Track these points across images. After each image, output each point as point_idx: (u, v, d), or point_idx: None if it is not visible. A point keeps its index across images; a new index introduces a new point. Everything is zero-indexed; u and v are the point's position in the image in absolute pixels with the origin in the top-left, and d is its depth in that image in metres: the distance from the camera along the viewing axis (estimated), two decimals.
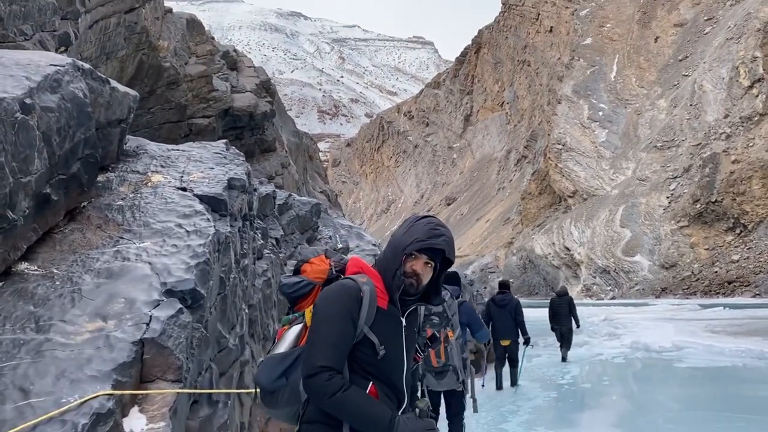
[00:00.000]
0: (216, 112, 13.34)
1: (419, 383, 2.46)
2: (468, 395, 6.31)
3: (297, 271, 2.33)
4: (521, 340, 9.85)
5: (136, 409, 2.81)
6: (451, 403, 5.80)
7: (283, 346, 2.20)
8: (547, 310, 14.30)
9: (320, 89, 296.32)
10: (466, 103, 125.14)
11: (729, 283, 44.12)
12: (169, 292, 3.29)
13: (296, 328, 2.23)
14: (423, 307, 2.45)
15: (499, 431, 7.17)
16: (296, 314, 2.27)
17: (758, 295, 41.00)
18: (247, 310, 4.33)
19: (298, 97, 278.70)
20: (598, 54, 67.85)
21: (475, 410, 7.01)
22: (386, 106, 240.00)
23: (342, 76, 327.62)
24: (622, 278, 50.65)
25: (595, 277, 52.17)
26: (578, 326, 13.34)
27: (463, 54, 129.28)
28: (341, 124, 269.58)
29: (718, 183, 48.23)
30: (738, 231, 46.96)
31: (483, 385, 10.09)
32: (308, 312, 2.22)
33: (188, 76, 12.54)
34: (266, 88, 16.82)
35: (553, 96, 68.53)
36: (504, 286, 10.45)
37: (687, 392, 10.21)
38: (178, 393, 2.91)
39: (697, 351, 14.01)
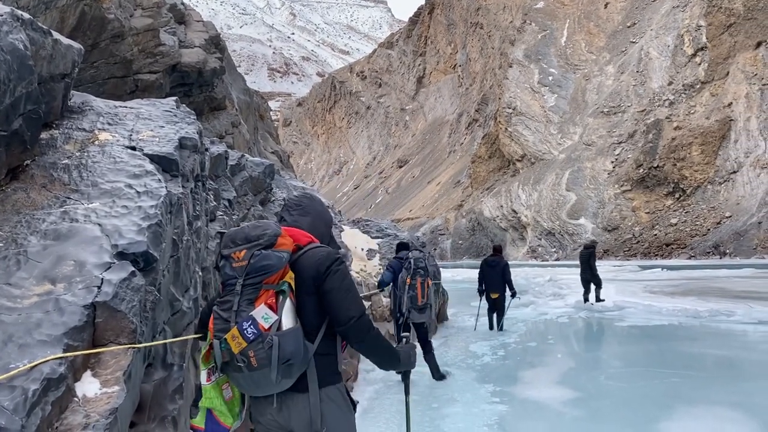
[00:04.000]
0: (163, 67, 12.84)
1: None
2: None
3: (271, 244, 2.51)
4: (508, 294, 11.94)
5: (89, 373, 2.75)
6: (422, 332, 7.83)
7: (289, 320, 2.46)
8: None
9: (270, 46, 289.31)
10: (419, 65, 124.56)
11: (667, 245, 46.00)
12: (121, 255, 3.20)
13: (288, 302, 2.48)
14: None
15: (447, 386, 7.36)
16: (282, 286, 2.48)
17: (693, 257, 42.96)
18: (200, 273, 4.26)
19: (248, 53, 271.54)
20: (549, 18, 68.24)
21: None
22: (338, 65, 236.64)
23: (293, 33, 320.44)
24: (566, 240, 52.14)
25: (540, 239, 53.55)
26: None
27: (417, 14, 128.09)
28: (292, 82, 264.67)
29: (660, 149, 49.78)
30: (677, 195, 48.80)
31: (475, 329, 12.36)
32: (290, 279, 2.51)
33: (134, 29, 11.99)
34: (215, 43, 16.27)
35: (504, 60, 68.82)
36: (496, 249, 12.48)
37: (627, 350, 10.69)
38: (138, 349, 2.86)
39: (637, 310, 14.64)
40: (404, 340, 3.09)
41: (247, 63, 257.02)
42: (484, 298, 12.24)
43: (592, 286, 16.17)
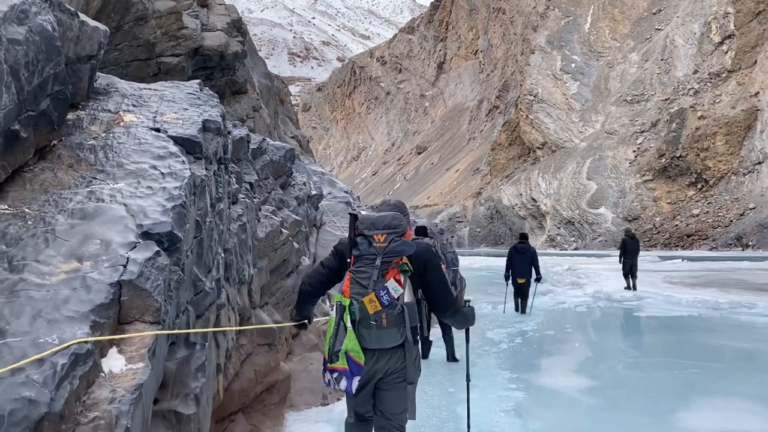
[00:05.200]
0: (186, 50, 12.89)
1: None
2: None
3: (403, 233, 3.33)
4: (533, 279, 12.37)
5: (114, 350, 2.81)
6: None
7: (409, 295, 3.23)
8: None
9: (291, 30, 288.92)
10: (440, 50, 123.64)
11: (688, 236, 45.47)
12: (146, 235, 3.25)
13: (407, 281, 3.24)
14: None
15: (463, 372, 7.37)
16: (404, 267, 3.21)
17: (715, 248, 42.42)
18: (222, 254, 4.31)
19: (268, 37, 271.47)
20: (573, 4, 67.27)
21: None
22: (359, 50, 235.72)
23: (313, 18, 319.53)
24: (585, 230, 51.75)
25: (559, 228, 53.23)
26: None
27: None
28: (312, 67, 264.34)
29: (684, 138, 49.06)
30: (699, 186, 48.12)
31: (504, 311, 12.74)
32: (407, 260, 3.22)
33: (157, 12, 12.04)
34: (237, 27, 16.27)
35: (526, 46, 68.06)
36: (524, 237, 13.05)
37: (645, 340, 10.63)
38: (163, 327, 2.92)
39: (656, 301, 14.53)
40: (466, 303, 3.99)
41: (267, 47, 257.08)
42: (510, 283, 12.61)
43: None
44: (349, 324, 3.15)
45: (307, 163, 15.67)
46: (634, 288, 16.55)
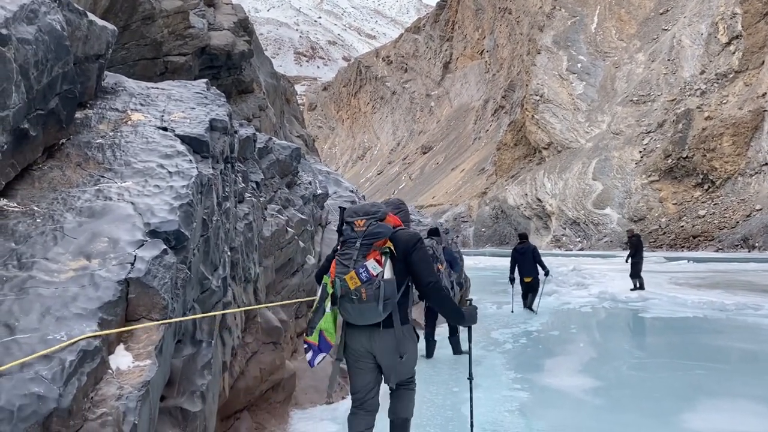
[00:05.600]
0: (192, 50, 12.93)
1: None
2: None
3: (382, 219, 3.61)
4: (541, 277, 12.69)
5: (122, 346, 2.84)
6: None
7: (389, 273, 3.50)
8: None
9: (297, 29, 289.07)
10: (446, 50, 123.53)
11: (694, 237, 45.30)
12: (153, 233, 3.28)
13: (388, 261, 3.53)
14: None
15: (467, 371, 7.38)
16: (385, 249, 3.54)
17: (721, 249, 42.25)
18: (229, 253, 4.34)
19: (274, 37, 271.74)
20: (579, 4, 67.12)
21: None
22: (365, 49, 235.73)
23: (320, 17, 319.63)
24: (591, 230, 51.63)
25: (565, 229, 53.12)
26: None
27: None
28: (318, 66, 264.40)
29: (690, 139, 48.88)
30: (706, 187, 47.93)
31: (512, 311, 12.85)
32: (390, 246, 3.55)
33: (164, 12, 12.08)
34: (244, 26, 16.32)
35: (533, 46, 67.94)
36: (523, 236, 13.22)
37: (650, 341, 10.61)
38: (169, 324, 2.94)
39: (662, 302, 14.49)
40: (468, 302, 4.01)
41: (273, 46, 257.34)
42: (517, 283, 12.82)
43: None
44: (328, 307, 3.57)
45: (313, 162, 15.70)
46: (642, 287, 16.59)
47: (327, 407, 5.65)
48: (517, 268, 12.73)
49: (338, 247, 3.66)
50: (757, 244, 40.80)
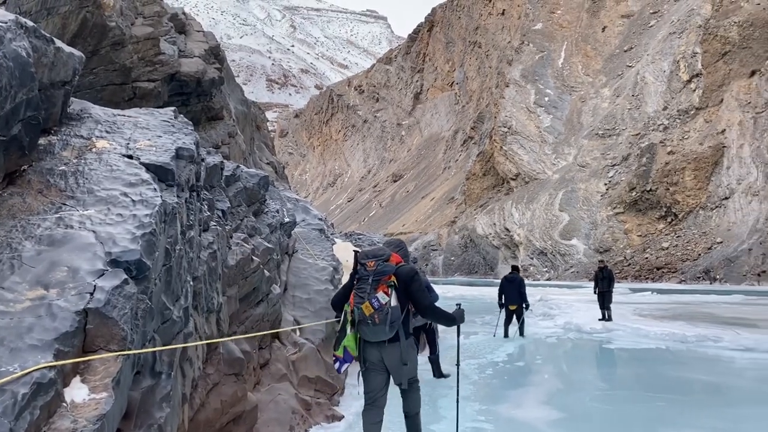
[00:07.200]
0: (162, 76, 12.88)
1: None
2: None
3: (387, 259, 4.61)
4: (524, 306, 13.99)
5: (78, 379, 2.78)
6: (429, 334, 9.78)
7: (394, 301, 4.49)
8: (492, 288, 15.79)
9: (270, 57, 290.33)
10: (417, 81, 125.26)
11: (658, 269, 46.15)
12: (114, 262, 3.24)
13: (394, 292, 4.51)
14: None
15: (434, 406, 7.37)
16: (391, 283, 4.52)
17: (684, 281, 43.11)
18: (191, 283, 4.29)
19: (247, 64, 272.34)
20: (547, 40, 68.89)
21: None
22: (337, 78, 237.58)
23: (293, 45, 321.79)
24: (558, 260, 52.25)
25: (532, 259, 53.64)
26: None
27: (416, 31, 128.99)
28: (290, 94, 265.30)
29: (654, 173, 50.13)
30: (669, 219, 49.06)
31: (494, 335, 13.98)
32: (394, 280, 4.53)
33: (134, 38, 12.04)
34: (215, 54, 16.35)
35: (501, 79, 69.33)
36: (515, 268, 14.66)
37: (614, 372, 10.73)
38: (127, 356, 2.89)
39: (625, 333, 14.69)
40: (458, 306, 5.13)
41: (245, 73, 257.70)
42: (503, 310, 14.02)
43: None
44: (349, 329, 4.57)
45: (282, 190, 15.67)
46: (609, 318, 16.92)
47: None
48: (504, 295, 13.98)
49: (354, 283, 4.65)
50: (717, 276, 41.75)
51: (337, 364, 4.69)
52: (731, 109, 48.80)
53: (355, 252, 4.85)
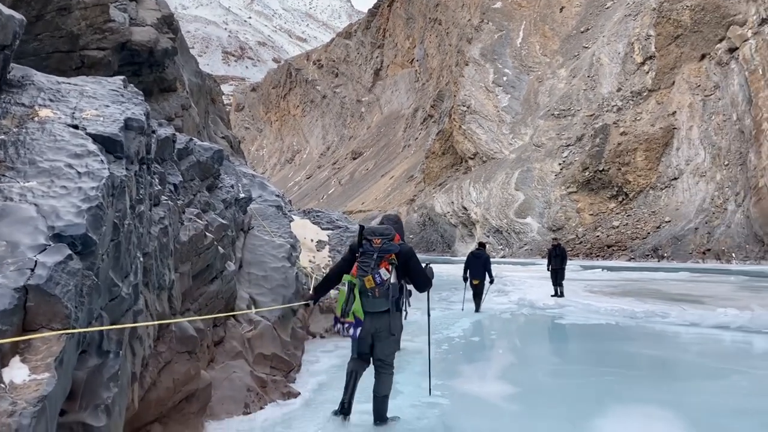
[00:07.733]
0: (112, 44, 12.38)
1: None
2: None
3: (392, 238, 5.10)
4: (487, 282, 14.64)
5: (17, 359, 2.64)
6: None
7: (394, 278, 5.07)
8: (451, 266, 15.91)
9: (226, 29, 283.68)
10: (377, 57, 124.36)
11: (609, 246, 47.39)
12: (57, 237, 3.09)
13: (394, 269, 5.06)
14: None
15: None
16: (393, 261, 5.02)
17: (633, 259, 44.41)
18: (142, 259, 4.15)
19: (202, 35, 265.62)
20: (506, 19, 69.09)
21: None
22: (295, 52, 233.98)
23: (250, 17, 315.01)
24: (513, 238, 53.13)
25: (488, 237, 54.40)
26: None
27: (376, 6, 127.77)
28: (247, 67, 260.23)
29: (606, 153, 51.20)
30: (620, 199, 50.31)
31: (462, 309, 14.54)
32: (395, 258, 5.05)
33: (82, 3, 11.50)
34: (168, 23, 15.80)
35: (461, 57, 69.39)
36: (481, 245, 15.38)
37: (566, 347, 10.98)
38: (71, 335, 2.76)
39: (577, 309, 15.04)
40: (427, 265, 5.38)
41: (201, 45, 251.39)
42: (468, 284, 14.59)
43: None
44: (357, 294, 4.95)
45: (237, 165, 15.38)
46: (562, 294, 17.28)
47: (244, 417, 5.50)
48: (469, 269, 14.50)
49: (357, 256, 5.08)
50: (665, 254, 43.14)
51: (351, 330, 5.00)
52: (682, 91, 50.04)
53: (361, 227, 5.21)
